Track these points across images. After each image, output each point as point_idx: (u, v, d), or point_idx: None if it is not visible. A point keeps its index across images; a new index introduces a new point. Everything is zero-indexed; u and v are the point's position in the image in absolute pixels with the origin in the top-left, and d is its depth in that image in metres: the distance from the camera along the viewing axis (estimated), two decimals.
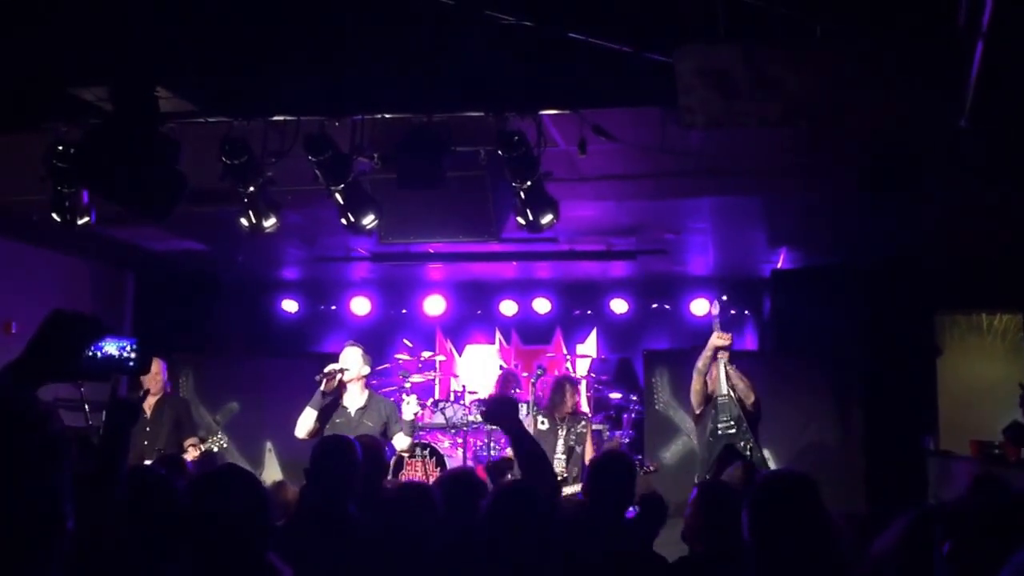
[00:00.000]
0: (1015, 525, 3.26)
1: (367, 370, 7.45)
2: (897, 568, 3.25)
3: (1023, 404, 9.23)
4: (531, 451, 4.16)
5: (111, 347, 2.44)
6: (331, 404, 7.23)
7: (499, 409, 4.29)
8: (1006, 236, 9.11)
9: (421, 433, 10.31)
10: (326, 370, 7.19)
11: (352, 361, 7.30)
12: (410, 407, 7.47)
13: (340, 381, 7.19)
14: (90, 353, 2.32)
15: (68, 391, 8.32)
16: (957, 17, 4.60)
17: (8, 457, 1.49)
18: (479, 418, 10.35)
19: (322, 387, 7.13)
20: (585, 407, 11.80)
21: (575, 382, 8.84)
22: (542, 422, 8.35)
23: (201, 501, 3.02)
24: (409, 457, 9.57)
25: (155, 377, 8.42)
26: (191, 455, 7.94)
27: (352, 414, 7.24)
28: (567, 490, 7.65)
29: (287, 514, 4.90)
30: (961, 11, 4.54)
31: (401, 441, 7.31)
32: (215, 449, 8.61)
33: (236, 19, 5.61)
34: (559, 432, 8.24)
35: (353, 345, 7.51)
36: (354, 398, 7.31)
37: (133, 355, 2.45)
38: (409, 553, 4.05)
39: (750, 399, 7.43)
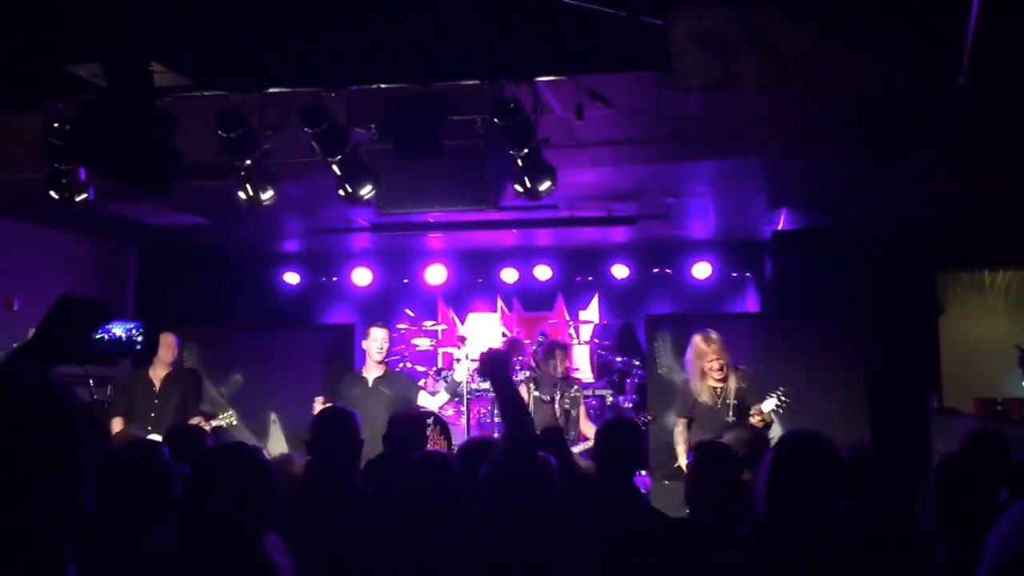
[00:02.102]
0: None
1: (387, 345, 8.41)
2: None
3: (1022, 365, 9.23)
4: (515, 405, 4.18)
5: (119, 330, 2.45)
6: (352, 379, 8.19)
7: (492, 364, 4.32)
8: (1008, 193, 9.08)
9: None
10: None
11: (384, 343, 8.31)
12: (461, 370, 8.19)
13: (369, 359, 8.20)
14: (98, 336, 2.34)
15: (71, 367, 8.36)
16: None
17: (33, 438, 1.49)
18: (483, 385, 10.40)
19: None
20: (589, 373, 11.86)
21: (566, 347, 8.92)
22: (537, 390, 8.47)
23: (195, 482, 3.02)
24: None
25: (168, 348, 8.50)
26: None
27: (370, 383, 8.03)
28: (575, 449, 7.79)
29: (293, 486, 4.92)
30: None
31: (430, 400, 8.30)
32: (224, 426, 8.66)
33: None
34: (555, 398, 8.36)
35: (379, 327, 8.46)
36: (372, 370, 8.13)
37: (140, 338, 2.48)
38: (418, 522, 4.08)
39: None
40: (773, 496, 3.28)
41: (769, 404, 7.27)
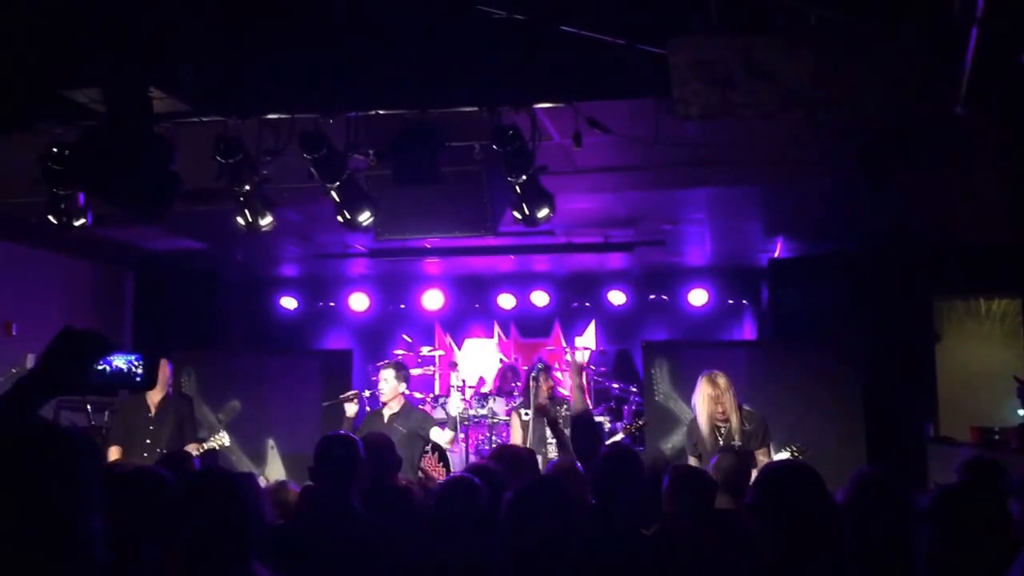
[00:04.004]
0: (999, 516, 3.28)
1: (403, 387, 8.14)
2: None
3: (1021, 396, 9.22)
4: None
5: (120, 362, 2.46)
6: (373, 417, 8.13)
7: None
8: (1003, 220, 9.11)
9: None
10: (344, 396, 8.09)
11: (387, 382, 8.04)
12: (454, 404, 7.98)
13: (382, 402, 8.01)
14: (99, 368, 2.37)
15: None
16: (951, 3, 4.60)
17: (54, 486, 1.49)
18: (480, 411, 10.39)
19: (347, 413, 7.93)
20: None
21: (548, 368, 8.89)
22: (525, 414, 8.40)
23: (180, 507, 3.01)
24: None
25: (161, 372, 8.45)
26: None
27: (386, 419, 7.95)
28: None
29: (288, 514, 4.91)
30: None
31: (440, 435, 8.00)
32: (216, 447, 8.62)
33: (228, 18, 5.61)
34: (544, 420, 8.31)
35: (387, 366, 8.20)
36: (391, 407, 8.04)
37: (140, 370, 2.49)
38: (416, 548, 4.07)
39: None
40: (760, 527, 3.29)
41: (782, 456, 7.26)
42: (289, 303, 13.54)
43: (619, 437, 9.02)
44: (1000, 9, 4.28)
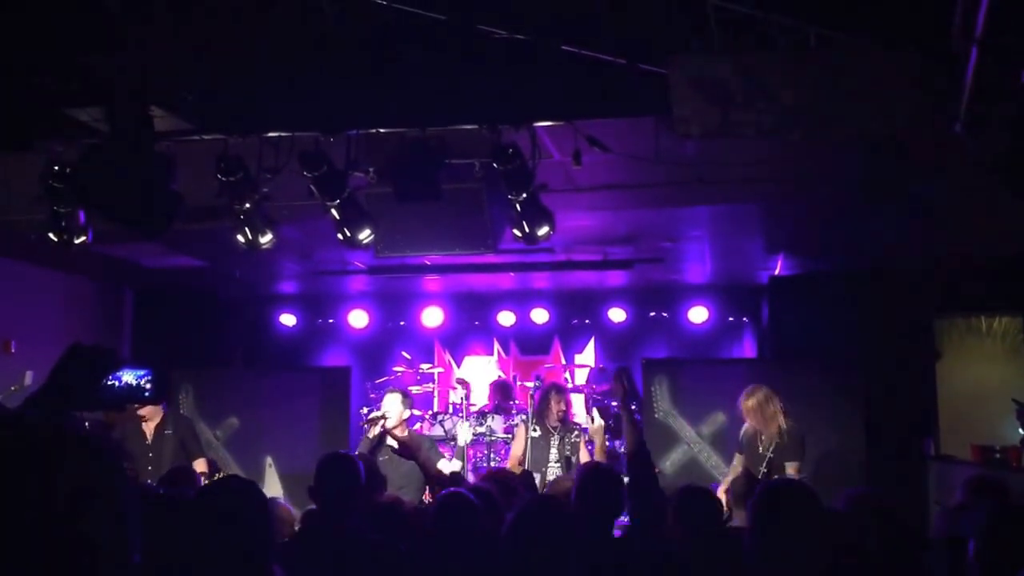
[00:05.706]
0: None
1: (408, 414, 7.81)
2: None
3: (1020, 418, 9.19)
4: None
5: (129, 377, 2.46)
6: (376, 445, 7.70)
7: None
8: (1004, 238, 9.11)
9: None
10: (370, 416, 7.66)
11: (392, 407, 7.64)
12: (464, 432, 7.85)
13: (383, 428, 7.55)
14: (109, 383, 2.37)
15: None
16: (951, 23, 4.62)
17: (88, 489, 1.47)
18: (478, 429, 10.37)
19: (368, 433, 7.58)
20: (584, 417, 11.80)
21: (561, 390, 8.88)
22: (534, 429, 8.40)
23: (200, 518, 3.01)
24: None
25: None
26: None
27: (394, 448, 7.71)
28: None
29: (280, 532, 4.90)
30: (955, 17, 4.55)
31: (447, 467, 7.69)
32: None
33: (230, 37, 5.62)
34: (551, 441, 8.30)
35: (393, 392, 7.88)
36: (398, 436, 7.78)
37: (149, 385, 2.48)
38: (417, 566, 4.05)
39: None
40: (756, 545, 3.29)
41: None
42: (288, 320, 13.52)
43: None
44: (1000, 28, 4.29)
